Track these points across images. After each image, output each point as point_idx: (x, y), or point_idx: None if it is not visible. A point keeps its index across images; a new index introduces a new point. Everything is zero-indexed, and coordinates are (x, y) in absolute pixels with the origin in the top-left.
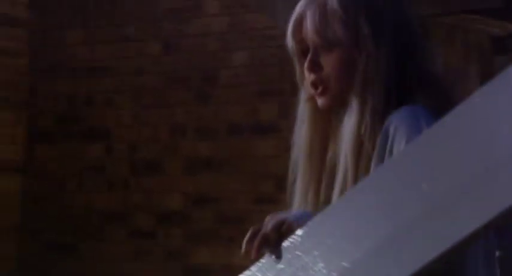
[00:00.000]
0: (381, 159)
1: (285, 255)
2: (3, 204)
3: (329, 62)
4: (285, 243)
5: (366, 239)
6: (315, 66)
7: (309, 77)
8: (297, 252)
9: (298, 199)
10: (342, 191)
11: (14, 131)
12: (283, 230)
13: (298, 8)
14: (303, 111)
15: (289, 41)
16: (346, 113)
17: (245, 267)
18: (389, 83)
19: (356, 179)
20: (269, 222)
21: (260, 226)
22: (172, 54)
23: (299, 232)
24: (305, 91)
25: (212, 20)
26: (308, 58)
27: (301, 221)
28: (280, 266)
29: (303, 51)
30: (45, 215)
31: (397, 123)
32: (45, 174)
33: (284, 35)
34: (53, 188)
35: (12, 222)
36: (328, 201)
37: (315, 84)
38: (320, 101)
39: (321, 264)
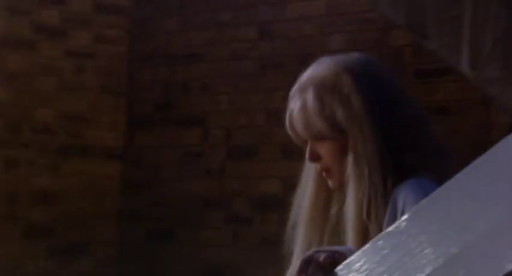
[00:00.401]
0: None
1: (390, 241)
2: (103, 190)
3: (324, 151)
4: (390, 229)
5: (476, 223)
6: (314, 157)
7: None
8: (402, 238)
9: (299, 253)
10: None
11: (114, 117)
12: (337, 257)
13: (289, 102)
14: (307, 174)
15: (291, 135)
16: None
17: None
18: (382, 160)
19: None
20: (321, 252)
21: (309, 257)
22: (269, 39)
23: (405, 216)
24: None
25: (309, 4)
26: (307, 150)
27: (349, 254)
28: (385, 251)
29: (304, 142)
30: (144, 201)
31: (405, 194)
32: (144, 161)
33: (382, 17)
34: (151, 174)
35: (112, 209)
36: None
37: (323, 170)
38: (329, 183)
39: (427, 250)
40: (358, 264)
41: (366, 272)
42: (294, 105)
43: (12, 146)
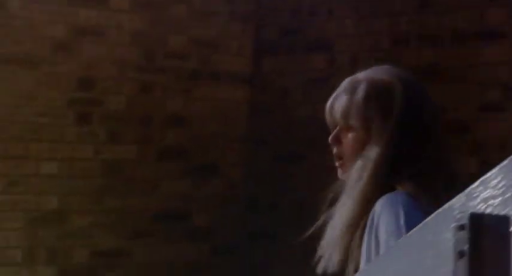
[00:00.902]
0: (369, 240)
1: None
2: (232, 114)
3: (346, 140)
4: None
5: None
6: (336, 141)
7: (332, 148)
8: None
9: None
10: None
11: (241, 43)
12: None
13: (338, 90)
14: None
15: (326, 115)
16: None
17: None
18: (383, 167)
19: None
20: None
21: None
22: None
23: None
24: None
25: None
26: (332, 133)
27: None
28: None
29: (335, 125)
30: (271, 125)
31: (380, 209)
32: (271, 86)
33: None
34: (278, 99)
35: (241, 132)
36: None
37: (336, 157)
38: (339, 172)
39: None
40: (495, 181)
41: (503, 189)
42: (342, 93)
43: (148, 71)
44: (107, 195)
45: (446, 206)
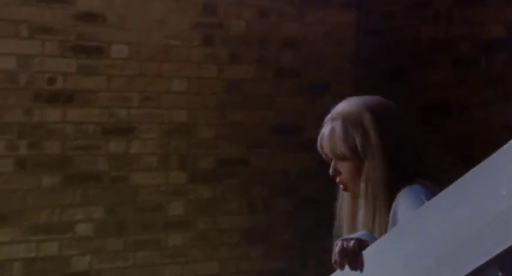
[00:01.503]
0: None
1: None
2: (341, 36)
3: (343, 169)
4: None
5: None
6: (335, 172)
7: (334, 178)
8: None
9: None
10: None
11: None
12: (362, 245)
13: (323, 127)
14: (342, 192)
15: (320, 152)
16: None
17: None
18: (388, 183)
19: None
20: (348, 240)
21: (342, 248)
22: None
23: None
24: None
25: None
26: (331, 167)
27: (369, 240)
28: None
29: (330, 159)
30: (378, 45)
31: (402, 200)
32: (377, 9)
33: None
34: (384, 21)
35: (350, 52)
36: None
37: (340, 183)
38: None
39: None
40: None
41: None
42: (325, 130)
43: None
44: (229, 109)
45: None
